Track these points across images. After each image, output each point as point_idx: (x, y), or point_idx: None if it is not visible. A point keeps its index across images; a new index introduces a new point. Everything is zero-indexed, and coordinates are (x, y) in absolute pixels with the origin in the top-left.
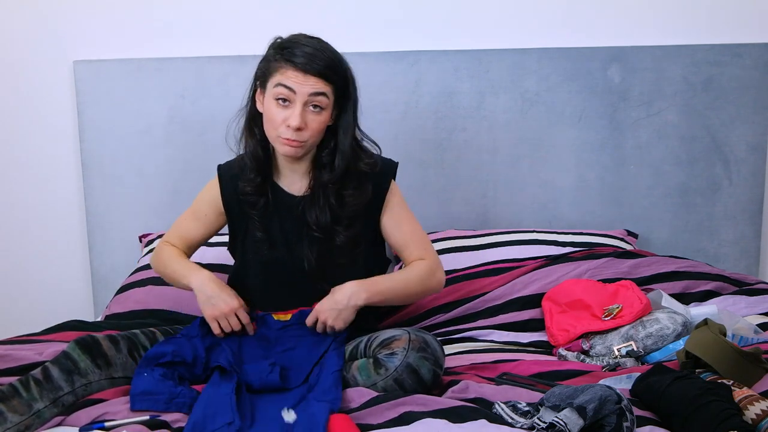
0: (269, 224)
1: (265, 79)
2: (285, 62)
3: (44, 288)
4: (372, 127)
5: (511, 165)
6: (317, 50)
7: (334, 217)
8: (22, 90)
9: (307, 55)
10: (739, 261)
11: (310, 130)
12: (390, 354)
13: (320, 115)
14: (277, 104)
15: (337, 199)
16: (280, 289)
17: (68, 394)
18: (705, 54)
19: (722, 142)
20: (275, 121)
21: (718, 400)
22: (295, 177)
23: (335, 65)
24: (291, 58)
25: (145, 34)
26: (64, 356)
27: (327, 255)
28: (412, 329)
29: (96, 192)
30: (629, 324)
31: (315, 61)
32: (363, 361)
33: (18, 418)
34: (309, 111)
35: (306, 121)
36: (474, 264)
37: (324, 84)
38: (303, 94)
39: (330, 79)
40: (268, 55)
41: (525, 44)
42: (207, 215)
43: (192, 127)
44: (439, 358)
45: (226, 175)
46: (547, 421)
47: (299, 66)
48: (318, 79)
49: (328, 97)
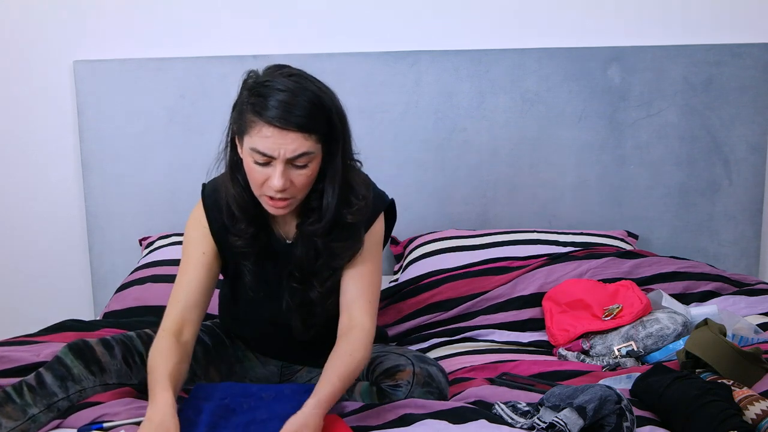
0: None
1: (241, 133)
2: (258, 118)
3: (44, 288)
4: (372, 127)
5: (511, 165)
6: (294, 96)
7: (315, 266)
8: (22, 90)
9: (283, 106)
10: (739, 261)
11: (297, 187)
12: (394, 386)
13: (306, 170)
14: (255, 164)
15: (326, 249)
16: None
17: (62, 399)
18: (705, 54)
19: (722, 142)
20: (257, 181)
21: (718, 400)
22: (287, 219)
23: (315, 112)
24: (264, 111)
25: (145, 34)
26: (57, 362)
27: (305, 306)
28: (416, 358)
29: (96, 192)
30: (629, 324)
31: (293, 113)
32: (366, 385)
33: (13, 424)
34: (292, 168)
35: (291, 178)
36: (474, 263)
37: (304, 138)
38: (282, 156)
39: (311, 129)
40: (241, 98)
41: (525, 44)
42: (205, 253)
43: (192, 127)
44: (443, 390)
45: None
46: (547, 421)
47: (274, 122)
48: (297, 133)
49: (310, 153)
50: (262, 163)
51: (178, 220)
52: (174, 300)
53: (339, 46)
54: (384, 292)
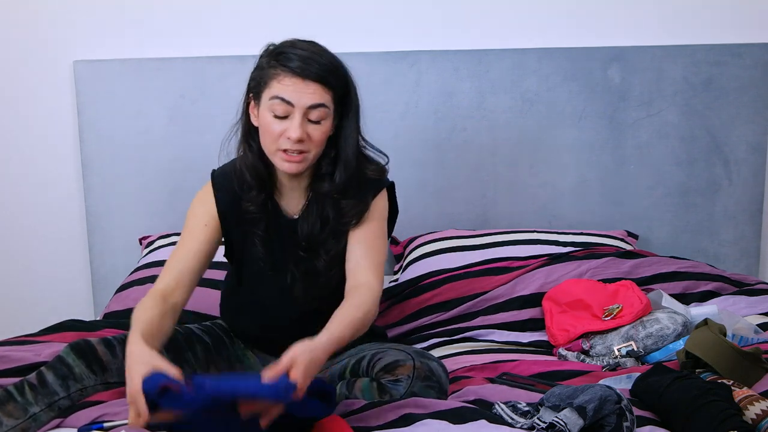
0: (270, 244)
1: (259, 90)
2: (281, 68)
3: (44, 288)
4: (372, 127)
5: (511, 165)
6: (314, 53)
7: (325, 232)
8: (22, 90)
9: (304, 59)
10: (739, 261)
11: (313, 141)
12: (394, 381)
13: (321, 126)
14: (274, 116)
15: (334, 210)
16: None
17: (64, 398)
18: (705, 54)
19: (722, 142)
20: (273, 134)
21: (718, 400)
22: (294, 195)
23: (335, 69)
24: (287, 63)
25: (145, 34)
26: (59, 361)
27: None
28: (416, 353)
29: (96, 192)
30: (629, 324)
31: (313, 65)
32: (366, 382)
33: (14, 422)
34: (308, 123)
35: (307, 131)
36: (474, 263)
37: (323, 91)
38: (301, 106)
39: (330, 84)
40: (260, 62)
41: (525, 44)
42: (207, 225)
43: (192, 127)
44: (443, 385)
45: (221, 185)
46: (547, 421)
47: (296, 71)
48: (317, 85)
49: (328, 107)
50: (281, 116)
51: (178, 220)
52: (170, 266)
53: (339, 46)
54: (385, 292)
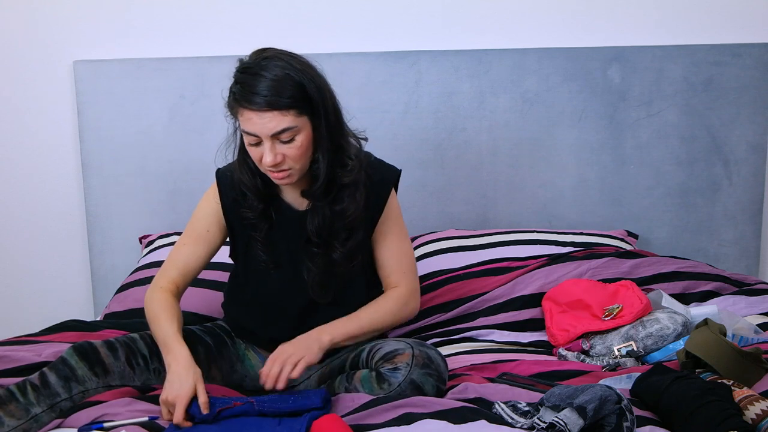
0: (274, 243)
1: (235, 119)
2: (236, 104)
3: (44, 288)
4: (372, 127)
5: (511, 165)
6: (273, 80)
7: (332, 229)
8: (22, 90)
9: (255, 89)
10: (739, 261)
11: (291, 158)
12: (393, 369)
13: (296, 142)
14: (250, 144)
15: (331, 212)
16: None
17: (65, 400)
18: (705, 54)
19: (722, 142)
20: (255, 158)
21: (718, 400)
22: (296, 192)
23: (287, 88)
24: (241, 98)
25: (145, 34)
26: (62, 362)
27: (327, 269)
28: (415, 343)
29: (96, 192)
30: (629, 324)
31: (263, 93)
32: (365, 372)
33: (15, 422)
34: (281, 144)
35: (282, 152)
36: (474, 263)
37: (282, 116)
38: (266, 135)
39: (286, 105)
40: (232, 84)
41: (525, 44)
42: (210, 231)
43: (192, 127)
44: (442, 373)
45: (226, 183)
46: (547, 421)
47: (252, 107)
48: (273, 112)
49: (294, 126)
50: (254, 144)
51: (178, 219)
52: (172, 263)
53: (339, 46)
54: None
